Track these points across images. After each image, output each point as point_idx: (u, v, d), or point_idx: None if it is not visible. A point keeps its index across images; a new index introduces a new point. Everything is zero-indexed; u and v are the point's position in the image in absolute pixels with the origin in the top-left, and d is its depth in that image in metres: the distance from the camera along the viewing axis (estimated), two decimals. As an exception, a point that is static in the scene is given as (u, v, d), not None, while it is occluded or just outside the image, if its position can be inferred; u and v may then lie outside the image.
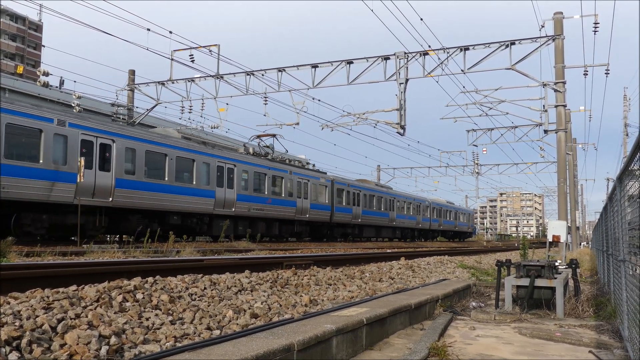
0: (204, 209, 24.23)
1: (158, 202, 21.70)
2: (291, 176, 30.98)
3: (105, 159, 19.48)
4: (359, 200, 38.77)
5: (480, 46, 23.94)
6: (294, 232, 32.30)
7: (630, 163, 4.60)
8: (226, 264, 10.08)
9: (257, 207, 27.92)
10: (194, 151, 23.95)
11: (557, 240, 15.37)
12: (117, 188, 19.74)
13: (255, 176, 27.97)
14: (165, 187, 22.08)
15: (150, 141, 21.61)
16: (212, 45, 26.48)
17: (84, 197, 18.35)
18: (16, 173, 16.54)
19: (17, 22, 74.82)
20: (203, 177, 24.24)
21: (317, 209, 33.39)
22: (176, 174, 22.69)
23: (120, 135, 20.25)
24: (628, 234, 5.11)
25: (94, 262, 8.96)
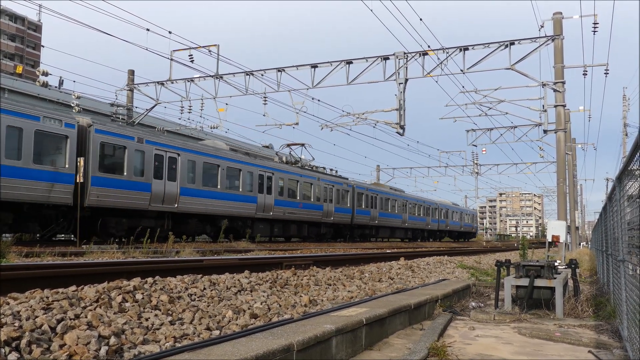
0: (247, 213, 27.17)
1: (212, 208, 24.61)
2: (319, 182, 33.70)
3: (172, 170, 22.42)
4: (376, 203, 41.47)
5: (480, 46, 23.94)
6: (320, 233, 34.68)
7: (629, 163, 4.60)
8: (226, 264, 10.08)
9: (291, 211, 30.63)
10: (240, 162, 26.92)
11: (557, 241, 15.38)
12: (182, 196, 22.74)
13: (289, 183, 30.63)
14: (218, 194, 25.04)
15: (206, 154, 24.71)
16: (211, 46, 26.48)
17: (155, 204, 21.43)
18: (106, 184, 19.38)
19: (17, 22, 74.80)
20: (247, 184, 27.15)
21: (340, 212, 36.22)
22: (226, 182, 25.72)
23: (184, 149, 23.33)
24: (627, 234, 5.11)
25: (94, 263, 8.96)
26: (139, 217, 21.10)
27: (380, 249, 25.30)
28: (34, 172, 17.21)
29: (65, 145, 18.21)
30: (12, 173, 16.68)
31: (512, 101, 27.87)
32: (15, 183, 16.71)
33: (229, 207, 25.65)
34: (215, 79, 27.47)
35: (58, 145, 18.11)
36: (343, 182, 37.28)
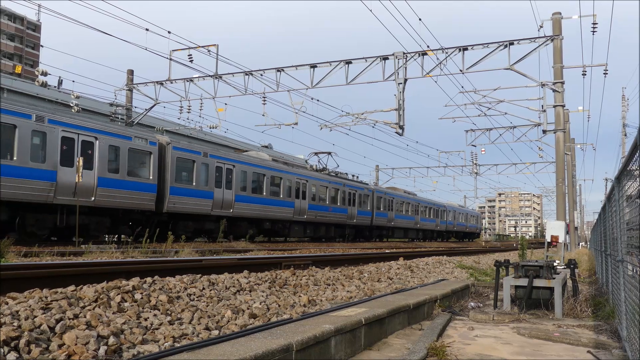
0: (286, 217, 30.46)
1: (259, 212, 28.09)
2: (344, 188, 37.17)
3: (229, 180, 26.05)
4: (392, 206, 45.01)
5: (479, 46, 23.95)
6: (344, 234, 38.25)
7: (628, 163, 4.61)
8: (225, 264, 10.08)
9: (321, 214, 34.16)
10: (280, 171, 30.18)
11: (556, 241, 15.38)
12: (236, 202, 26.37)
13: (320, 189, 34.00)
14: (263, 200, 28.48)
15: (254, 165, 28.06)
16: (210, 45, 26.48)
17: (216, 209, 24.97)
18: (179, 193, 22.86)
19: (16, 22, 74.75)
20: (286, 191, 30.37)
21: (362, 214, 39.69)
22: (270, 189, 29.01)
23: (238, 161, 27.00)
24: (626, 234, 5.12)
25: (93, 263, 8.95)
26: (203, 220, 24.72)
27: (379, 249, 25.31)
28: (128, 183, 20.55)
29: (149, 160, 21.68)
30: (112, 184, 19.98)
31: (511, 101, 27.90)
32: (114, 193, 20.03)
33: (272, 212, 29.15)
34: (214, 79, 27.47)
35: (144, 160, 21.55)
36: (364, 187, 40.78)
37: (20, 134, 17.20)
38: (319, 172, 35.13)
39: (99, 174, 19.52)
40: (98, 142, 19.64)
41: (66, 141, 18.55)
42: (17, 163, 17.09)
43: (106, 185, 19.69)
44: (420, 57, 24.64)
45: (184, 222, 23.58)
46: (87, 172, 19.08)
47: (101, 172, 19.61)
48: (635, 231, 4.36)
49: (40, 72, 24.82)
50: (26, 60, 73.94)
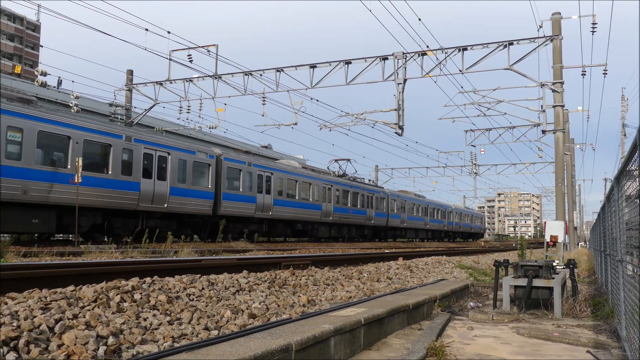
0: (315, 218, 33.80)
1: (292, 214, 31.13)
2: (363, 192, 40.42)
3: (268, 186, 29.04)
4: (405, 208, 48.50)
5: (479, 46, 23.96)
6: (364, 234, 41.64)
7: (628, 163, 4.61)
8: (224, 264, 10.07)
9: (344, 216, 37.44)
10: (310, 177, 33.45)
11: (555, 241, 15.38)
12: (274, 206, 29.46)
13: (343, 193, 37.41)
14: (296, 203, 31.61)
15: (289, 172, 31.16)
16: (210, 46, 26.48)
17: (258, 212, 28.12)
18: (230, 198, 26.13)
19: (15, 22, 74.71)
20: (315, 195, 33.68)
21: (379, 216, 43.02)
22: (301, 194, 32.04)
23: (276, 169, 30.17)
24: (626, 234, 5.12)
25: (92, 263, 8.95)
26: (247, 222, 27.86)
27: (379, 249, 25.30)
28: (193, 192, 23.82)
29: (208, 171, 24.92)
30: (180, 193, 23.14)
31: (510, 101, 27.91)
32: (182, 200, 23.27)
33: (303, 214, 32.31)
34: (214, 79, 27.47)
35: (204, 171, 24.78)
36: (380, 190, 44.25)
37: (114, 152, 20.35)
38: (340, 178, 38.50)
39: (170, 184, 22.72)
40: (170, 157, 22.84)
41: (146, 157, 21.76)
42: (111, 176, 20.17)
43: (176, 194, 22.98)
44: (419, 57, 24.65)
45: (233, 224, 26.58)
46: (161, 183, 22.35)
47: (172, 182, 22.80)
48: (635, 231, 4.36)
49: (40, 72, 24.82)
50: (26, 60, 73.91)
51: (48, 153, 18.25)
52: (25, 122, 17.33)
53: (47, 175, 17.89)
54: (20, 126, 17.15)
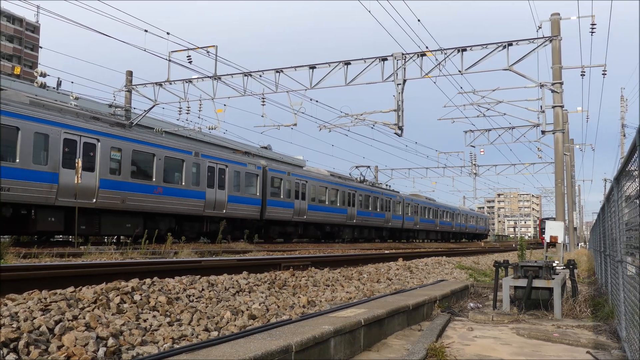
0: (341, 221, 37.16)
1: (323, 218, 34.70)
2: (382, 196, 43.79)
3: (304, 193, 32.41)
4: (417, 211, 51.67)
5: (478, 47, 23.96)
6: (382, 235, 45.18)
7: (627, 164, 4.61)
8: (224, 265, 10.07)
9: (366, 219, 40.67)
10: (337, 184, 36.70)
11: (555, 241, 15.37)
12: (308, 210, 32.79)
13: (365, 198, 40.61)
14: (326, 208, 35.13)
15: (320, 180, 34.65)
16: (209, 47, 26.47)
17: (295, 216, 31.43)
18: (273, 204, 29.50)
19: (15, 24, 74.68)
20: (341, 200, 36.94)
21: (395, 219, 46.51)
22: (330, 199, 35.58)
23: (310, 177, 33.70)
24: (625, 234, 5.12)
25: (92, 264, 8.95)
26: (285, 225, 31.31)
27: (378, 250, 25.29)
28: (245, 199, 27.39)
29: (256, 181, 28.34)
30: (236, 200, 26.69)
31: (510, 102, 27.91)
32: (237, 206, 26.80)
33: (332, 217, 35.75)
34: (213, 80, 27.46)
35: (253, 180, 28.20)
36: (396, 195, 47.47)
37: (186, 166, 23.66)
38: (361, 184, 41.93)
39: (228, 193, 26.22)
40: (227, 169, 26.41)
41: (210, 169, 25.16)
42: (184, 187, 23.53)
43: (232, 201, 26.49)
44: (419, 58, 24.64)
45: (274, 226, 30.28)
46: (221, 192, 25.95)
47: (230, 191, 26.25)
48: (635, 231, 4.36)
49: (39, 73, 24.80)
50: (25, 61, 73.88)
51: (139, 168, 21.50)
52: (123, 143, 20.71)
53: (139, 187, 21.28)
54: (119, 147, 20.50)
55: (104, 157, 19.74)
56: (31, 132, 17.34)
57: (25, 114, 17.42)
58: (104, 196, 19.59)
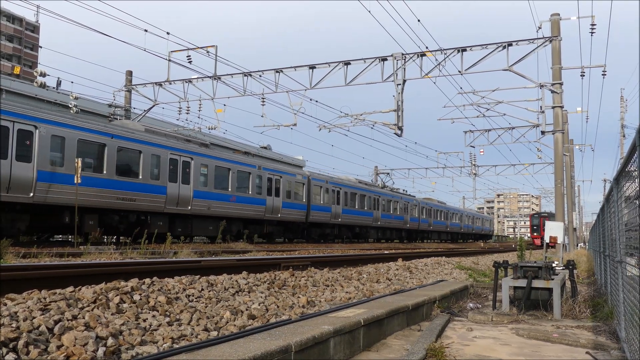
0: (368, 223, 41.35)
1: (354, 220, 38.97)
2: (401, 200, 48.00)
3: (338, 199, 36.65)
4: (431, 213, 55.63)
5: (478, 47, 23.98)
6: (401, 236, 49.52)
7: (627, 164, 4.61)
8: (223, 265, 10.07)
9: (388, 221, 44.77)
10: (365, 190, 41.03)
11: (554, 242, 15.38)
12: (342, 214, 37.21)
13: (387, 202, 44.77)
14: (356, 211, 39.16)
15: (351, 186, 38.86)
16: (209, 47, 26.49)
17: (332, 219, 35.76)
18: (315, 209, 33.70)
19: (14, 23, 74.66)
20: (367, 204, 41.02)
21: (412, 221, 50.63)
22: (359, 204, 39.70)
23: (343, 185, 37.78)
24: (625, 235, 5.12)
25: (91, 264, 8.94)
26: (324, 227, 35.81)
27: (378, 250, 25.30)
28: (295, 205, 31.49)
29: (302, 189, 32.59)
30: (288, 206, 30.81)
31: (509, 102, 27.93)
32: (288, 211, 30.78)
33: (361, 220, 39.96)
34: (213, 80, 27.47)
35: (300, 188, 32.35)
36: (413, 199, 51.59)
37: (252, 178, 27.93)
38: (383, 189, 46.32)
39: (282, 200, 30.18)
40: (282, 179, 30.45)
41: (269, 180, 29.27)
42: (251, 195, 27.75)
43: (285, 207, 30.48)
44: (419, 58, 24.66)
45: (315, 228, 34.66)
46: (277, 199, 29.80)
47: (283, 198, 30.28)
48: (634, 232, 4.36)
49: (39, 73, 24.81)
50: (25, 61, 73.84)
51: (219, 181, 25.67)
52: (209, 160, 25.11)
53: (220, 196, 25.53)
54: (206, 163, 24.89)
55: (196, 172, 24.17)
56: (149, 154, 21.74)
57: (145, 139, 21.73)
58: (196, 204, 24.02)
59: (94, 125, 19.93)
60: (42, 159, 17.67)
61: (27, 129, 17.32)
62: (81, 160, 17.88)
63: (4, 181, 16.46)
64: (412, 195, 53.97)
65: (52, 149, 18.12)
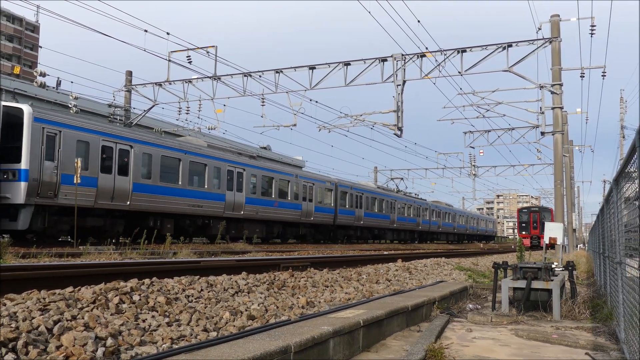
0: (386, 225, 44.79)
1: (374, 223, 42.38)
2: (414, 204, 51.61)
3: (361, 203, 39.95)
4: (440, 215, 59.14)
5: (478, 48, 23.97)
6: (414, 237, 52.73)
7: (626, 165, 4.61)
8: (223, 265, 10.06)
9: (403, 224, 48.57)
10: (384, 195, 44.60)
11: (554, 243, 15.38)
12: (364, 217, 40.27)
13: (402, 205, 48.21)
14: (376, 214, 42.65)
15: (372, 192, 42.39)
16: (209, 47, 26.48)
17: (355, 222, 39.14)
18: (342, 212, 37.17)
19: (14, 23, 74.63)
20: (385, 208, 44.38)
21: (424, 223, 53.94)
22: (380, 208, 43.24)
23: (365, 190, 41.21)
24: (624, 236, 5.12)
25: (91, 264, 8.94)
26: (348, 229, 39.10)
27: (378, 251, 25.29)
28: (324, 209, 35.02)
29: (331, 195, 36.08)
30: (319, 210, 34.24)
31: (509, 103, 27.95)
32: (320, 215, 34.35)
33: (380, 222, 43.42)
34: (213, 80, 27.46)
35: (329, 194, 35.78)
36: (424, 202, 55.09)
37: (290, 185, 31.21)
38: (398, 193, 49.44)
39: (315, 205, 33.80)
40: (314, 186, 34.01)
41: (304, 187, 32.66)
42: (290, 201, 31.04)
43: (317, 211, 34.01)
44: (418, 59, 24.66)
45: (341, 230, 38.07)
46: (310, 204, 33.23)
47: (316, 203, 33.93)
48: (634, 233, 4.36)
49: (39, 72, 24.80)
50: (25, 61, 73.80)
51: (265, 188, 29.06)
52: (257, 171, 28.48)
53: (265, 202, 28.78)
54: (255, 174, 28.28)
55: (247, 182, 27.46)
56: (212, 166, 25.09)
57: (209, 154, 25.25)
58: (247, 209, 27.38)
59: (172, 143, 23.49)
60: (135, 173, 20.91)
61: (125, 148, 20.67)
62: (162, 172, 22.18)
63: (109, 192, 19.92)
64: (423, 199, 57.09)
65: (142, 165, 21.43)
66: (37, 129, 17.45)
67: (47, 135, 17.80)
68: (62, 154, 18.17)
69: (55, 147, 18.09)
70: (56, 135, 18.09)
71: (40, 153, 17.55)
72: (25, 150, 17.16)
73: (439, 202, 61.81)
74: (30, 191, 17.10)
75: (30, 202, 17.18)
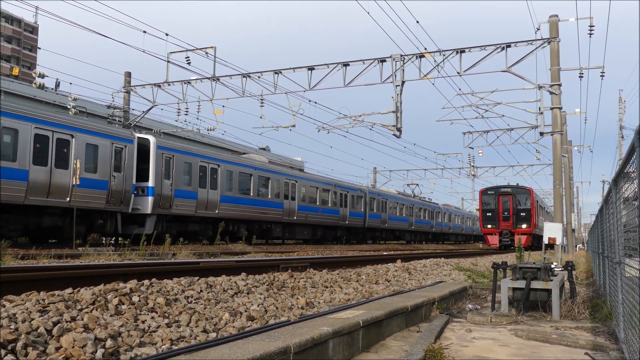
0: (405, 227, 49.82)
1: (395, 225, 47.08)
2: (429, 208, 56.38)
3: (385, 207, 44.95)
4: (450, 218, 64.50)
5: (476, 49, 23.99)
6: (428, 238, 58.01)
7: (625, 165, 4.61)
8: (222, 266, 10.06)
9: (420, 226, 53.19)
10: (403, 200, 49.34)
11: (553, 243, 15.38)
12: (388, 220, 45.33)
13: (419, 209, 53.08)
14: (397, 218, 47.58)
15: (393, 197, 47.15)
16: (208, 48, 26.48)
17: (381, 224, 44.12)
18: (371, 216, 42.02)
19: (13, 24, 74.59)
20: (405, 212, 49.38)
21: (437, 225, 59.14)
22: (399, 212, 47.90)
23: (389, 196, 46.30)
24: (624, 236, 5.12)
25: (90, 265, 8.94)
26: (374, 231, 44.13)
27: (377, 251, 25.29)
28: (356, 214, 39.73)
29: (362, 201, 40.85)
30: (353, 215, 39.22)
31: (508, 103, 27.97)
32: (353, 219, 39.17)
33: (401, 225, 48.56)
34: (212, 81, 27.46)
35: (359, 200, 40.48)
36: (437, 206, 60.28)
37: (331, 194, 36.38)
38: (414, 198, 54.17)
39: (349, 210, 38.61)
40: (348, 194, 38.76)
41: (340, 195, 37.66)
42: (330, 207, 35.82)
43: (351, 215, 39.05)
44: (417, 60, 24.67)
45: (369, 232, 43.19)
46: (345, 209, 38.13)
47: (350, 208, 38.72)
48: (633, 233, 4.37)
49: (38, 74, 24.78)
50: (23, 62, 73.76)
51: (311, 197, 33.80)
52: (306, 182, 33.48)
53: (312, 209, 33.71)
54: (304, 184, 32.91)
55: (299, 192, 32.35)
56: (274, 180, 29.92)
57: (271, 169, 30.12)
58: (299, 215, 32.07)
59: (245, 161, 28.31)
60: (222, 187, 25.87)
61: (215, 167, 25.60)
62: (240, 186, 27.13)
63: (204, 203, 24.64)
64: (436, 202, 62.25)
65: (226, 180, 26.25)
66: (159, 155, 22.05)
67: (165, 159, 22.40)
68: (174, 173, 22.84)
69: (170, 168, 22.69)
70: (170, 159, 22.74)
71: (161, 173, 22.08)
72: (152, 171, 21.66)
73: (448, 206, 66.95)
74: (155, 203, 21.61)
75: (155, 212, 21.64)
